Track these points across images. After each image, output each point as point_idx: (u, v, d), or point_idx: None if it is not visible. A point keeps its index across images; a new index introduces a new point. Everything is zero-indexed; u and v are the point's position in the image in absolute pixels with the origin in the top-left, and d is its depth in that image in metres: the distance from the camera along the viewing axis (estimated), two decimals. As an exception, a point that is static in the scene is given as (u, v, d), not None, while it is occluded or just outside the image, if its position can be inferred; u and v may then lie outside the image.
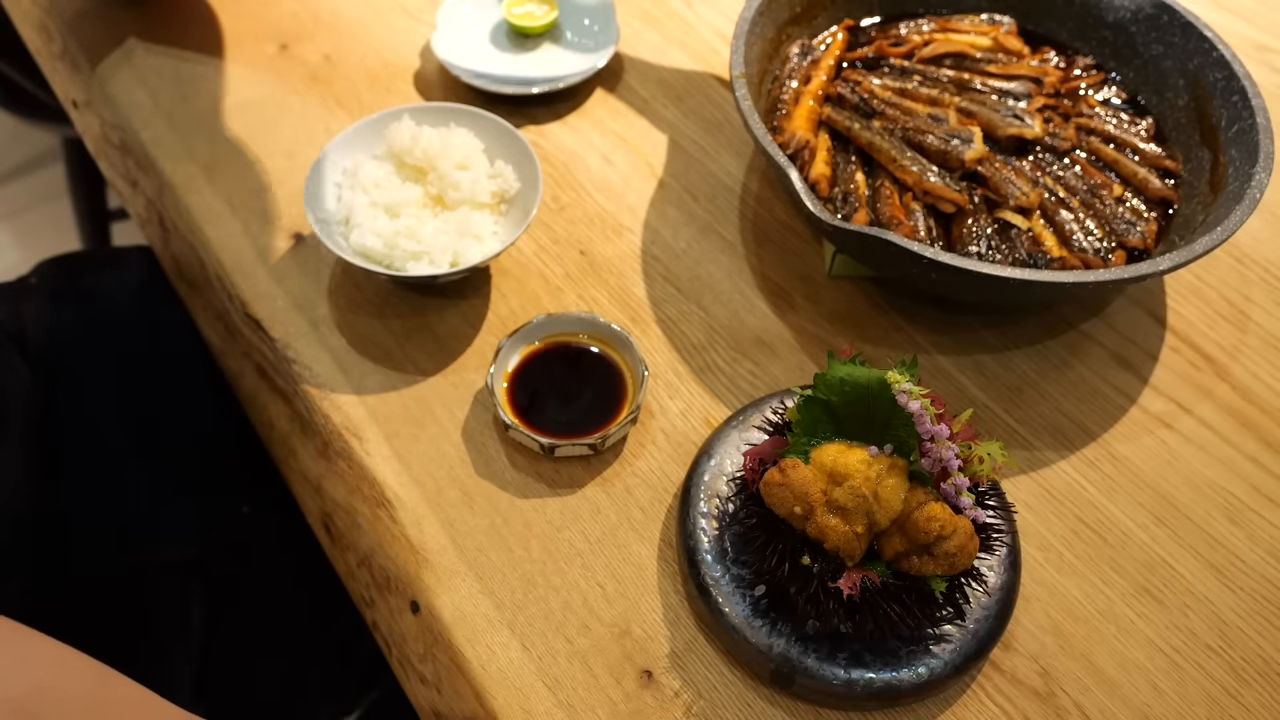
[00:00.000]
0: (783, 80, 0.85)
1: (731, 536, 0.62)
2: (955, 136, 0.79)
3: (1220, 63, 0.79)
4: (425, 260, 0.73)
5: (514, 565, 0.65)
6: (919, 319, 0.78)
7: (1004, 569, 0.62)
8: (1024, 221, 0.76)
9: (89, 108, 0.95)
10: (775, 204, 0.85)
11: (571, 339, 0.73)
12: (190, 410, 0.87)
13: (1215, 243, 0.67)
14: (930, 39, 0.89)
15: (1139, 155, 0.81)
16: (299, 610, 0.82)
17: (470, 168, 0.77)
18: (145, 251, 0.93)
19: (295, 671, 0.79)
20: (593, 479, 0.68)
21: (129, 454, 0.80)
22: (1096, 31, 0.88)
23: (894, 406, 0.55)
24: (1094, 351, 0.77)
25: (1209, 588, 0.65)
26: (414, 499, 0.67)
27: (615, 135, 0.90)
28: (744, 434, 0.67)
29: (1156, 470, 0.70)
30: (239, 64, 0.93)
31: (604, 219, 0.83)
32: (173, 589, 0.77)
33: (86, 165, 1.44)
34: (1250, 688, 0.61)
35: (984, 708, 0.60)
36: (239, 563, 0.81)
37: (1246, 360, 0.77)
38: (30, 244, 1.87)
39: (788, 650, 0.58)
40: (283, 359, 0.75)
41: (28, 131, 1.89)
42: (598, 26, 0.96)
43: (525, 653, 0.61)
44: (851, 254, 0.75)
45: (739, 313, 0.78)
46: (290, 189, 0.84)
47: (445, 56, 0.92)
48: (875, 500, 0.54)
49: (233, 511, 0.84)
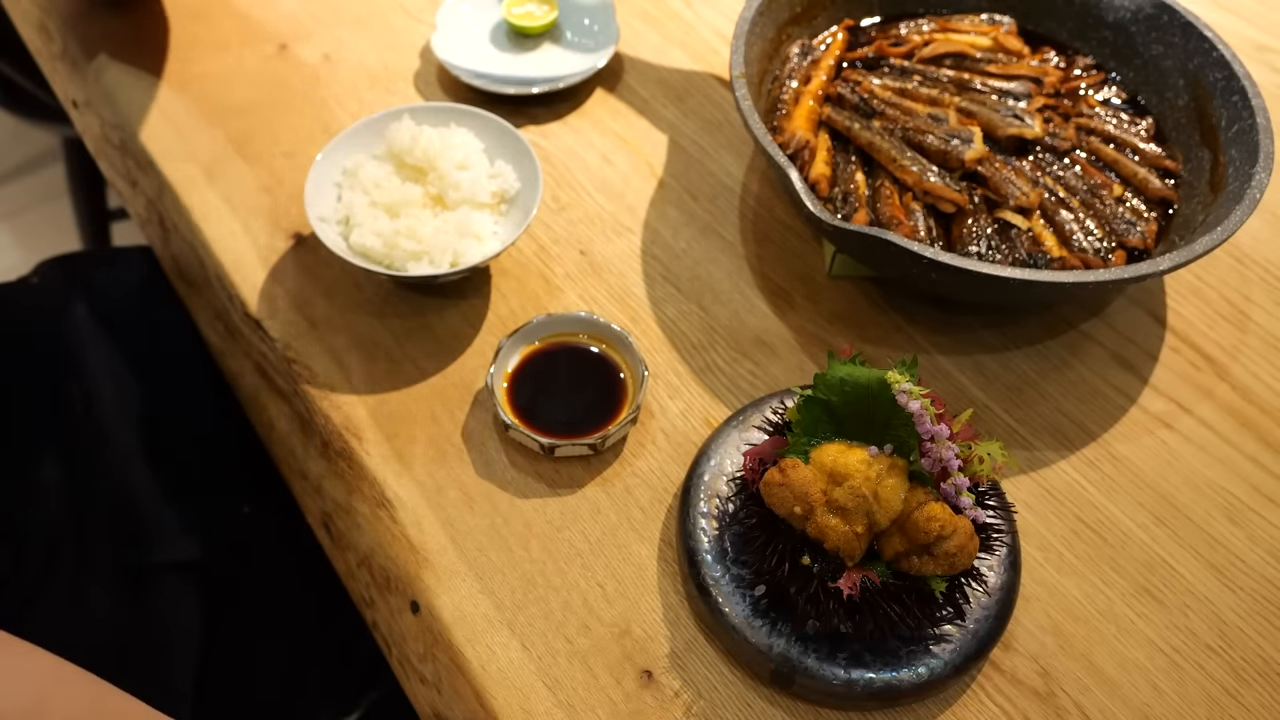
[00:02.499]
0: (783, 80, 0.85)
1: (731, 536, 0.62)
2: (955, 136, 0.79)
3: (1220, 63, 0.79)
4: (425, 260, 0.73)
5: (514, 565, 0.65)
6: (919, 319, 0.78)
7: (1004, 569, 0.62)
8: (1024, 221, 0.76)
9: (89, 108, 0.95)
10: (775, 204, 0.85)
11: (571, 339, 0.73)
12: (190, 410, 0.87)
13: (1215, 243, 0.67)
14: (930, 39, 0.89)
15: (1139, 155, 0.81)
16: (299, 610, 0.82)
17: (470, 168, 0.77)
18: (145, 251, 0.94)
19: (295, 671, 0.79)
20: (593, 479, 0.68)
21: (129, 454, 0.80)
22: (1096, 31, 0.88)
23: (894, 406, 0.55)
24: (1094, 351, 0.77)
25: (1209, 588, 0.65)
26: (414, 499, 0.67)
27: (615, 135, 0.90)
28: (744, 434, 0.67)
29: (1156, 470, 0.70)
30: (239, 64, 0.93)
31: (604, 219, 0.83)
32: (173, 589, 0.77)
33: (86, 165, 1.44)
34: (1250, 688, 0.61)
35: (984, 708, 0.60)
36: (239, 563, 0.81)
37: (1246, 360, 0.77)
38: (30, 244, 1.87)
39: (788, 650, 0.58)
40: (283, 359, 0.75)
41: (28, 131, 1.89)
42: (598, 26, 0.96)
43: (525, 653, 0.61)
44: (851, 254, 0.75)
45: (739, 313, 0.78)
46: (290, 189, 0.84)
47: (445, 56, 0.92)
48: (875, 500, 0.54)
49: (233, 512, 0.84)
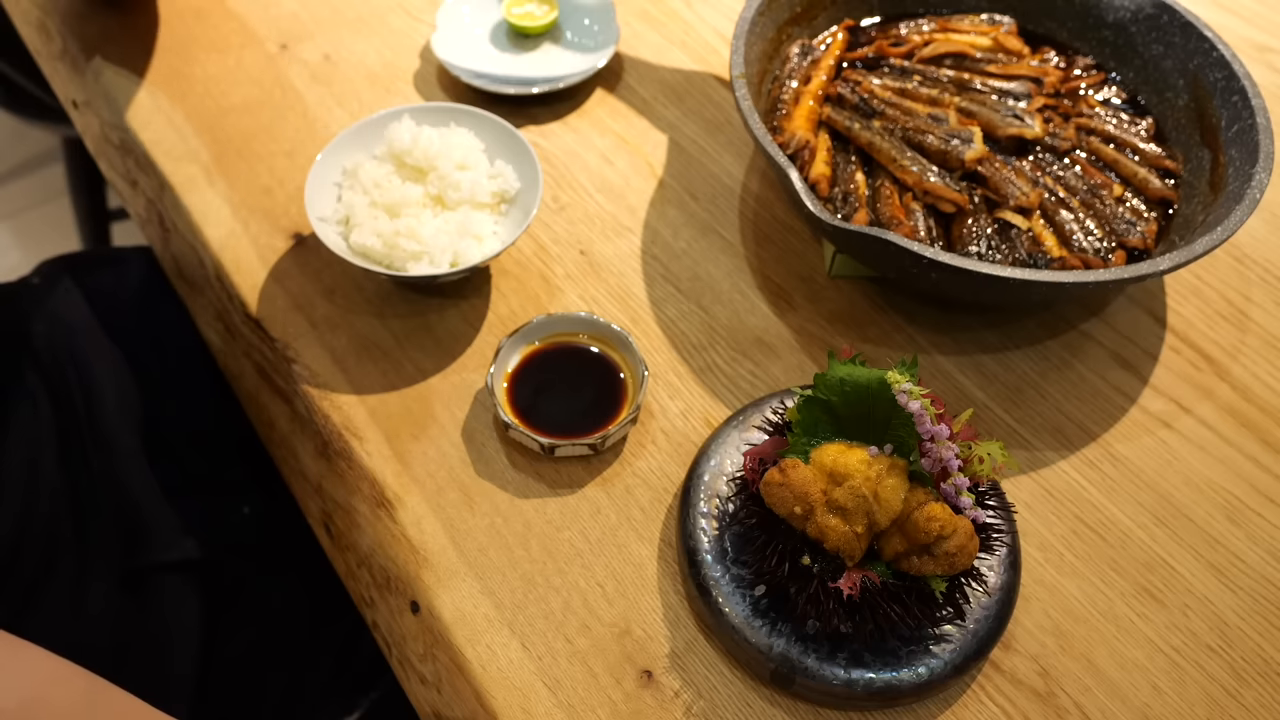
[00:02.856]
0: (783, 80, 0.85)
1: (731, 536, 0.62)
2: (955, 136, 0.79)
3: (1220, 63, 0.79)
4: (425, 260, 0.73)
5: (514, 565, 0.65)
6: (919, 319, 0.78)
7: (1004, 569, 0.62)
8: (1024, 221, 0.76)
9: (89, 108, 0.95)
10: (775, 204, 0.85)
11: (571, 339, 0.73)
12: (191, 410, 0.87)
13: (1215, 243, 0.67)
14: (930, 39, 0.89)
15: (1139, 155, 0.81)
16: (299, 610, 0.82)
17: (470, 168, 0.77)
18: (145, 251, 0.94)
19: (296, 672, 0.79)
20: (593, 479, 0.68)
21: (130, 454, 0.80)
22: (1096, 31, 0.88)
23: (894, 406, 0.55)
24: (1094, 351, 0.77)
25: (1209, 588, 0.65)
26: (414, 499, 0.67)
27: (615, 135, 0.90)
28: (744, 434, 0.67)
29: (1156, 470, 0.70)
30: (239, 64, 0.93)
31: (604, 219, 0.83)
32: (173, 589, 0.77)
33: (86, 165, 1.44)
34: (1250, 688, 0.61)
35: (984, 708, 0.60)
36: (239, 563, 0.81)
37: (1246, 360, 0.77)
38: (30, 244, 1.87)
39: (788, 650, 0.58)
40: (283, 359, 0.75)
41: (28, 131, 1.89)
42: (598, 26, 0.96)
43: (525, 653, 0.61)
44: (851, 254, 0.75)
45: (739, 313, 0.78)
46: (290, 189, 0.84)
47: (445, 56, 0.92)
48: (875, 500, 0.54)
49: (233, 512, 0.84)
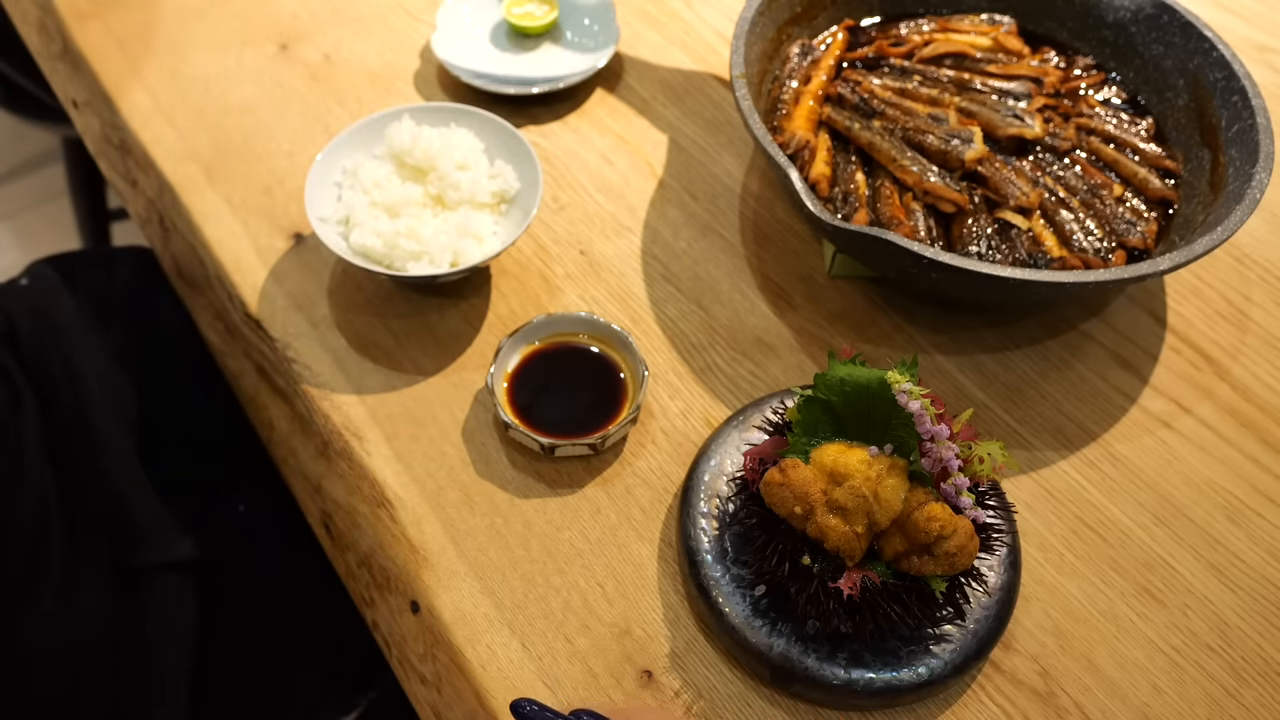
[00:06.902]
0: (783, 80, 0.85)
1: (731, 536, 0.62)
2: (955, 136, 0.79)
3: (1220, 63, 0.79)
4: (425, 260, 0.73)
5: (514, 565, 0.65)
6: (919, 319, 0.78)
7: (1004, 569, 0.62)
8: (1024, 221, 0.76)
9: (89, 108, 0.95)
10: (775, 204, 0.85)
11: (571, 339, 0.73)
12: (187, 409, 0.87)
13: (1215, 243, 0.67)
14: (930, 39, 0.89)
15: (1139, 155, 0.81)
16: (299, 610, 0.82)
17: (470, 168, 0.77)
18: (140, 251, 0.93)
19: (295, 671, 0.79)
20: (593, 479, 0.68)
21: (127, 453, 0.80)
22: (1096, 31, 0.88)
23: (894, 406, 0.55)
24: (1094, 351, 0.77)
25: (1209, 588, 0.65)
26: (414, 499, 0.67)
27: (615, 135, 0.90)
28: (744, 434, 0.67)
29: (1156, 470, 0.70)
30: (239, 64, 0.93)
31: (604, 219, 0.83)
32: (169, 588, 0.76)
33: (86, 165, 1.44)
34: (1250, 688, 0.61)
35: (984, 708, 0.60)
36: (238, 562, 0.81)
37: (1246, 360, 0.77)
38: (30, 244, 1.87)
39: (788, 650, 0.58)
40: (283, 359, 0.75)
41: (28, 131, 1.89)
42: (598, 26, 0.96)
43: (525, 653, 0.61)
44: (851, 254, 0.75)
45: (739, 313, 0.78)
46: (290, 189, 0.84)
47: (445, 56, 0.92)
48: (875, 500, 0.54)
49: (232, 511, 0.84)
